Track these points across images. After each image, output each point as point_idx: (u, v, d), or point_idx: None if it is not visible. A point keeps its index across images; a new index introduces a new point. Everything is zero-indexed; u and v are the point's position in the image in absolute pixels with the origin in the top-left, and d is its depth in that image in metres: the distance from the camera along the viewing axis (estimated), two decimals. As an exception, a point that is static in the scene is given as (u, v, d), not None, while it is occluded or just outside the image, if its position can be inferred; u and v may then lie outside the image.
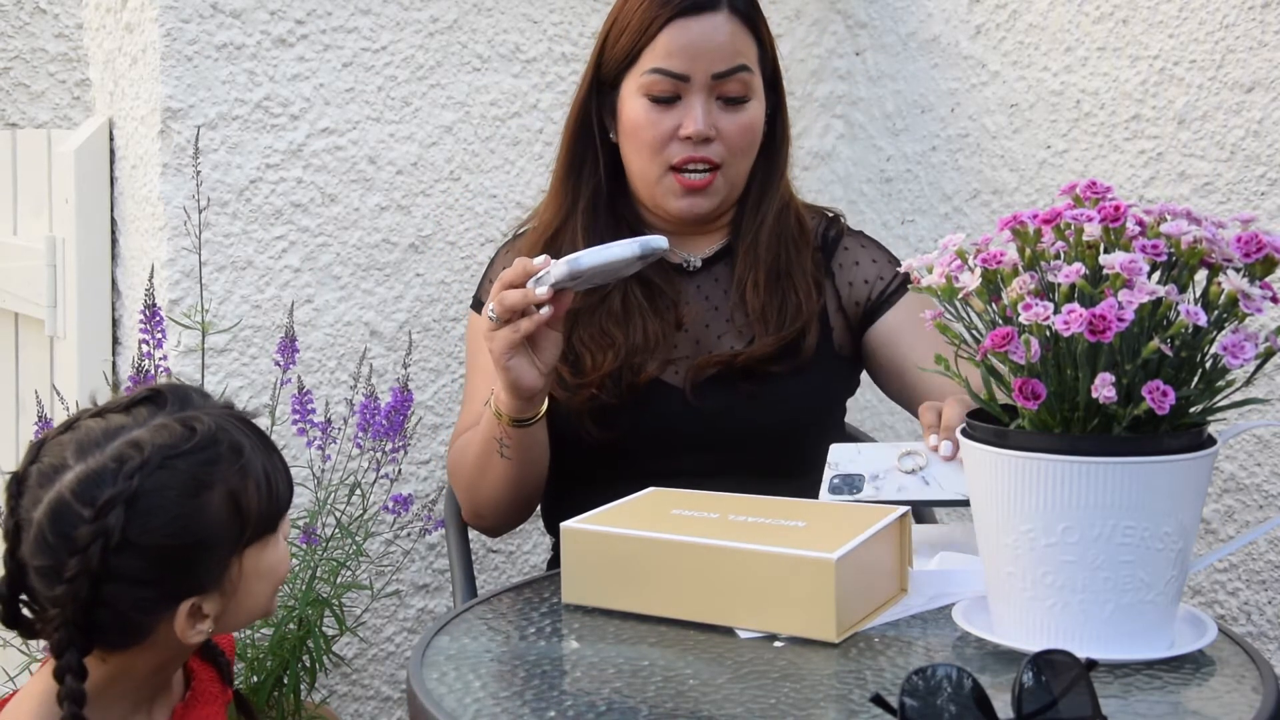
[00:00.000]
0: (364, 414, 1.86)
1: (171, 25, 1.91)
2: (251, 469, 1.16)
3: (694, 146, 1.64)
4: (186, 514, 1.11)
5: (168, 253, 1.92)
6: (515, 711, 1.04)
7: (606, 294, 1.67)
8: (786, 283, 1.68)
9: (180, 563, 1.12)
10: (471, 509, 1.69)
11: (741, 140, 1.66)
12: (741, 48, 1.65)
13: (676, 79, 1.63)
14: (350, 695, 2.10)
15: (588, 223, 1.70)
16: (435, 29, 2.09)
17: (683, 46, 1.62)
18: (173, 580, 1.13)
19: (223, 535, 1.14)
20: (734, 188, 1.70)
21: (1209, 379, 1.08)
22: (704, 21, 1.63)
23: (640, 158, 1.67)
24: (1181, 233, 1.06)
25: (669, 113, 1.64)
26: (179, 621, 1.14)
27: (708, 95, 1.64)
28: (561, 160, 1.74)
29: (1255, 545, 1.90)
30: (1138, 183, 1.99)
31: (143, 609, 1.13)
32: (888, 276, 1.74)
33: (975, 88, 2.24)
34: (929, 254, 1.16)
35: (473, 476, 1.63)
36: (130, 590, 1.11)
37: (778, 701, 1.03)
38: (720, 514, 1.29)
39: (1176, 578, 1.09)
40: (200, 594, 1.14)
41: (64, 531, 1.09)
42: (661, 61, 1.63)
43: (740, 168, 1.69)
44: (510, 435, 1.55)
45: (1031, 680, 0.93)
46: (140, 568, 1.10)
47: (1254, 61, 1.85)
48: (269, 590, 1.21)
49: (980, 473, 1.11)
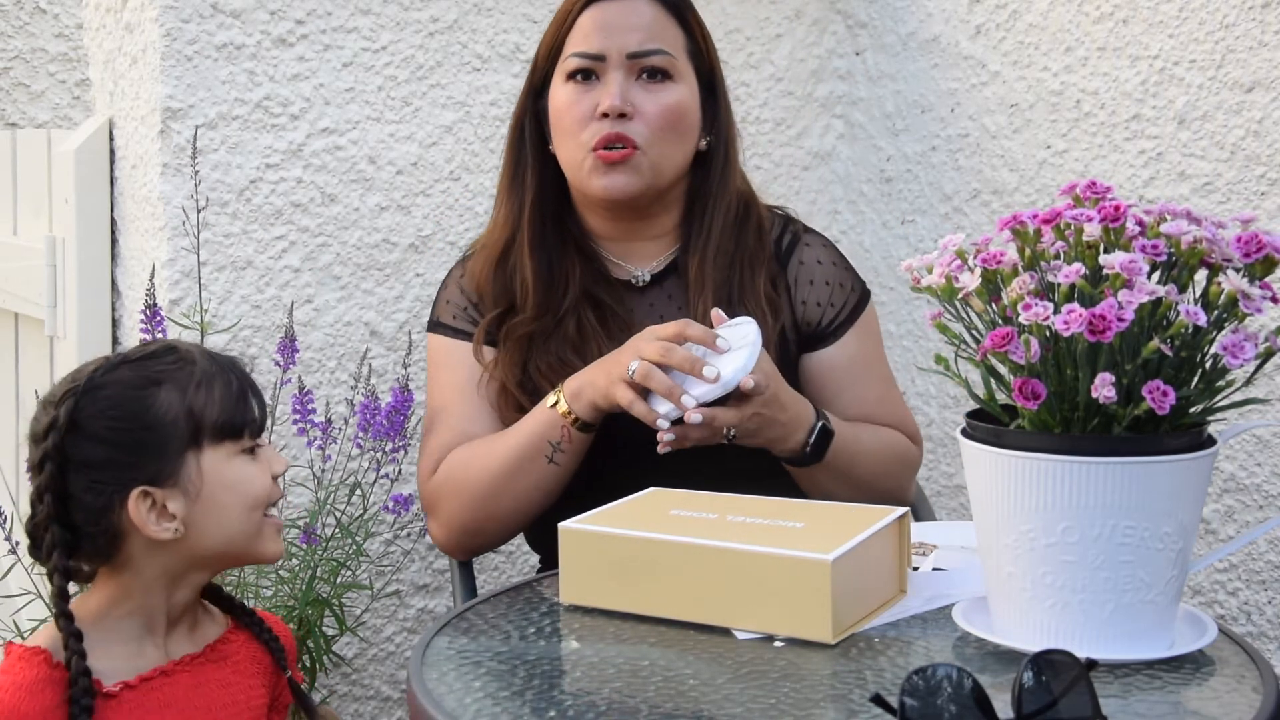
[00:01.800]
0: (364, 414, 1.86)
1: (171, 25, 1.91)
2: (205, 377, 1.26)
3: (611, 123, 1.60)
4: (132, 401, 1.23)
5: (168, 253, 1.92)
6: (515, 711, 1.04)
7: (560, 319, 1.65)
8: (739, 309, 1.63)
9: (126, 446, 1.22)
10: (471, 527, 1.61)
11: (661, 119, 1.61)
12: (661, 32, 1.64)
13: (593, 59, 1.62)
14: (350, 695, 2.10)
15: (533, 235, 1.67)
16: (435, 29, 2.09)
17: (599, 26, 1.62)
18: (121, 463, 1.22)
19: (171, 427, 1.23)
20: (658, 172, 1.63)
21: (1209, 379, 1.08)
22: (623, 5, 1.63)
23: (566, 143, 1.64)
24: (1181, 233, 1.06)
25: (588, 94, 1.62)
26: (132, 509, 1.21)
27: (625, 73, 1.62)
28: (504, 173, 1.73)
29: (1255, 545, 1.90)
30: (1138, 183, 1.99)
31: (99, 493, 1.22)
32: (838, 304, 1.70)
33: (975, 88, 2.24)
34: (929, 254, 1.16)
35: (494, 488, 1.57)
36: (86, 475, 1.22)
37: (778, 701, 1.03)
38: (719, 514, 1.29)
39: (1176, 578, 1.09)
40: (153, 484, 1.22)
41: (32, 430, 1.25)
42: (579, 45, 1.63)
43: (664, 150, 1.63)
44: (572, 439, 1.54)
45: (1031, 680, 0.93)
46: (91, 451, 1.22)
47: (1254, 61, 1.85)
48: (239, 505, 1.27)
49: (980, 473, 1.11)
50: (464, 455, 1.61)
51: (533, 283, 1.65)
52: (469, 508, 1.60)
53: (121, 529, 1.23)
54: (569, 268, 1.67)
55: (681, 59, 1.65)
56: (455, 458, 1.62)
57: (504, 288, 1.68)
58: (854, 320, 1.70)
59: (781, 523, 1.26)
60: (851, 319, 1.70)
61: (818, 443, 1.55)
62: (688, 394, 1.44)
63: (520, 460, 1.56)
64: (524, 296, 1.66)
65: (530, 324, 1.64)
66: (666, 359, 1.45)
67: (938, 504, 2.36)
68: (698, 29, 1.68)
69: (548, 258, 1.67)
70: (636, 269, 1.70)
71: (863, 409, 1.68)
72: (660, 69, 1.62)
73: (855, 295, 1.72)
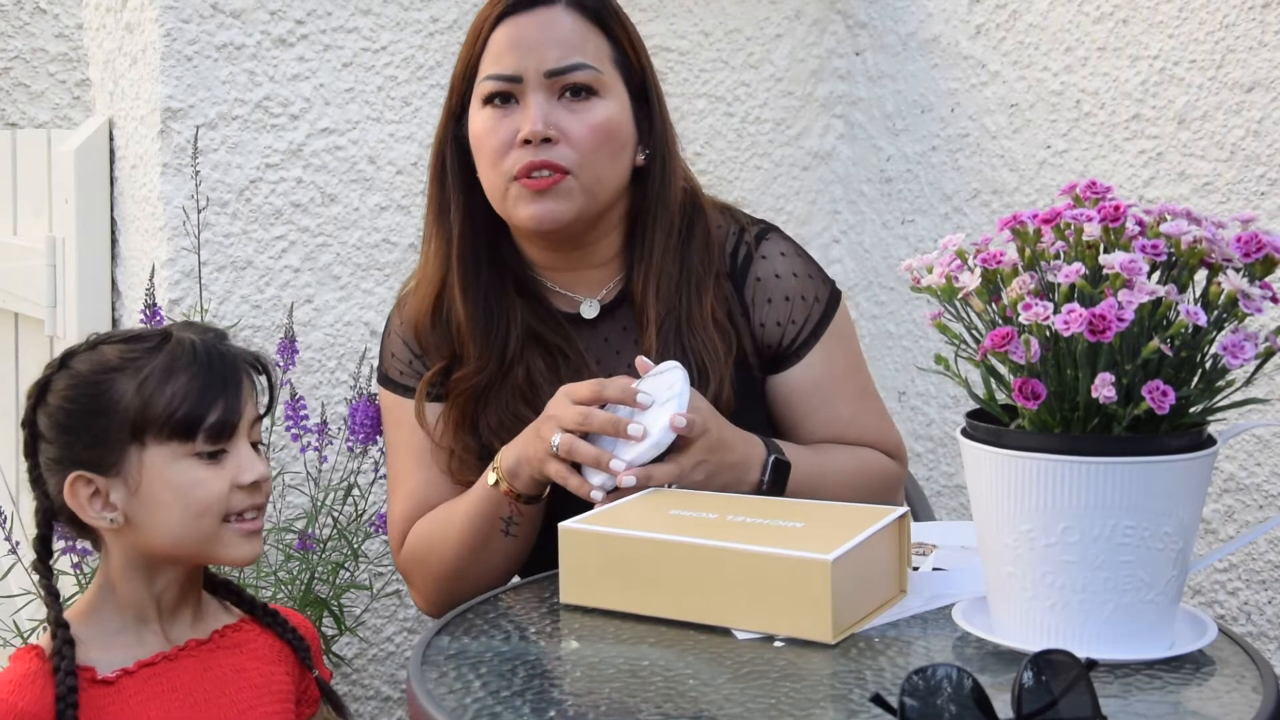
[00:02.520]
0: (354, 415, 1.85)
1: (171, 25, 1.91)
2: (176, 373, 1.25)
3: (534, 150, 1.47)
4: (89, 385, 1.25)
5: (168, 253, 1.92)
6: (515, 711, 1.04)
7: (507, 369, 1.54)
8: (689, 339, 1.52)
9: (71, 429, 1.25)
10: (445, 600, 1.51)
11: (590, 140, 1.49)
12: (581, 44, 1.50)
13: (509, 80, 1.49)
14: (350, 695, 2.10)
15: (465, 274, 1.54)
16: (435, 29, 2.09)
17: (513, 44, 1.49)
18: (67, 443, 1.25)
19: (120, 416, 1.23)
20: (592, 196, 1.51)
21: (1209, 379, 1.08)
22: (536, 16, 1.50)
23: (486, 172, 1.52)
24: (1181, 233, 1.06)
25: (507, 119, 1.49)
26: (68, 491, 1.24)
27: (546, 94, 1.49)
28: (428, 209, 1.59)
29: (1255, 545, 1.90)
30: (1138, 183, 1.99)
31: (49, 470, 1.26)
32: (800, 320, 1.58)
33: (975, 88, 2.24)
34: (929, 254, 1.16)
35: (457, 569, 1.50)
36: (44, 448, 1.27)
37: (778, 701, 1.03)
38: (719, 514, 1.29)
39: (1176, 578, 1.08)
40: (94, 470, 1.24)
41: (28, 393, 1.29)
42: (493, 66, 1.50)
43: (597, 172, 1.50)
44: (523, 512, 1.46)
45: (1031, 680, 0.93)
46: (49, 425, 1.26)
47: (1254, 61, 1.85)
48: (182, 508, 1.25)
49: (980, 473, 1.11)
50: (424, 532, 1.54)
51: (469, 328, 1.53)
52: (440, 586, 1.53)
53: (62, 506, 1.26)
54: (508, 308, 1.55)
55: (608, 70, 1.52)
56: (417, 534, 1.54)
57: (444, 336, 1.56)
58: (819, 335, 1.58)
59: (781, 523, 1.25)
60: (816, 334, 1.58)
61: (774, 478, 1.45)
62: (617, 459, 1.36)
63: (476, 539, 1.48)
64: (462, 345, 1.54)
65: (474, 377, 1.53)
66: (587, 426, 1.37)
67: (938, 504, 2.36)
68: (623, 34, 1.55)
69: (483, 299, 1.54)
70: (584, 299, 1.59)
71: (834, 429, 1.59)
72: (584, 85, 1.50)
73: (820, 307, 1.59)
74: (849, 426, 1.59)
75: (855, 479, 1.55)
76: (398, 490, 1.58)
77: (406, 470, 1.57)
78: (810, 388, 1.58)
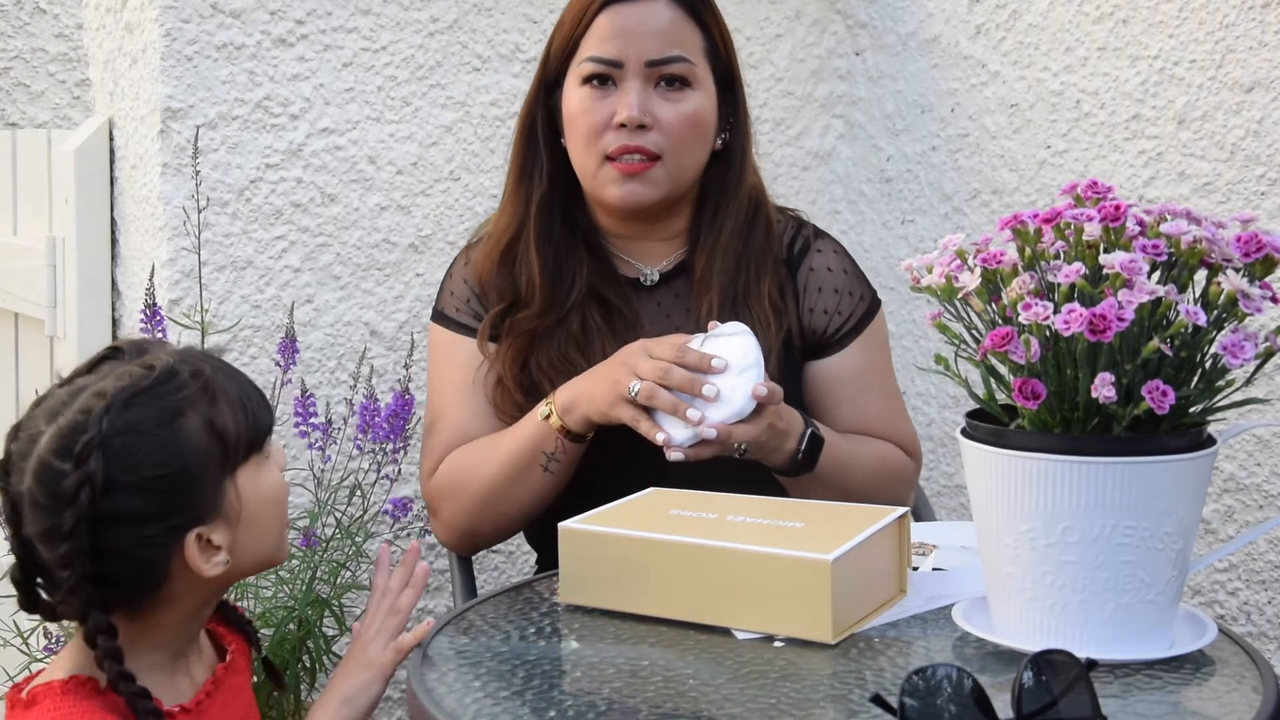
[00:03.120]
0: (364, 415, 1.86)
1: (171, 25, 1.91)
2: (219, 391, 1.17)
3: (629, 135, 1.57)
4: (164, 442, 1.13)
5: (168, 253, 1.92)
6: (515, 711, 1.04)
7: (564, 316, 1.63)
8: (743, 312, 1.61)
9: (172, 492, 1.13)
10: (469, 529, 1.61)
11: (681, 129, 1.59)
12: (680, 36, 1.60)
13: (610, 65, 1.58)
14: (350, 695, 2.10)
15: (540, 231, 1.64)
16: (435, 29, 2.09)
17: (617, 31, 1.58)
18: (170, 511, 1.13)
19: (207, 458, 1.15)
20: (677, 182, 1.62)
21: (1209, 379, 1.08)
22: (640, 7, 1.59)
23: (579, 149, 1.61)
24: (1181, 233, 1.06)
25: (604, 101, 1.59)
26: (190, 553, 1.14)
27: (644, 82, 1.58)
28: (512, 166, 1.70)
29: (1255, 545, 1.90)
30: (1138, 183, 1.99)
31: (149, 546, 1.13)
32: (845, 312, 1.68)
33: (975, 88, 2.24)
34: (929, 254, 1.16)
35: (491, 495, 1.57)
36: (133, 530, 1.12)
37: (778, 701, 1.03)
38: (719, 514, 1.29)
39: (1176, 578, 1.08)
40: (202, 523, 1.15)
41: (52, 490, 1.10)
42: (595, 49, 1.59)
43: (684, 160, 1.61)
44: (566, 450, 1.53)
45: (1031, 680, 0.93)
46: (135, 505, 1.12)
47: (1254, 61, 1.85)
48: (276, 517, 1.21)
49: (980, 473, 1.11)
50: (463, 459, 1.60)
51: (539, 279, 1.63)
52: (468, 512, 1.60)
53: (168, 574, 1.15)
54: (576, 264, 1.65)
55: (700, 63, 1.61)
56: (454, 460, 1.61)
57: (509, 283, 1.65)
58: (861, 330, 1.68)
59: (781, 523, 1.25)
60: (858, 329, 1.68)
61: (809, 449, 1.52)
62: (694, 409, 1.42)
63: (515, 469, 1.55)
64: (530, 292, 1.64)
65: (534, 320, 1.62)
66: (666, 380, 1.44)
67: (938, 504, 2.36)
68: (715, 27, 1.65)
69: (554, 253, 1.64)
70: (645, 267, 1.68)
71: (863, 420, 1.67)
72: (679, 76, 1.59)
73: (864, 305, 1.69)
74: (876, 419, 1.68)
75: (877, 468, 1.64)
76: (440, 422, 1.65)
77: (451, 404, 1.65)
78: (848, 376, 1.67)
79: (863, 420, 1.66)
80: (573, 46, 1.62)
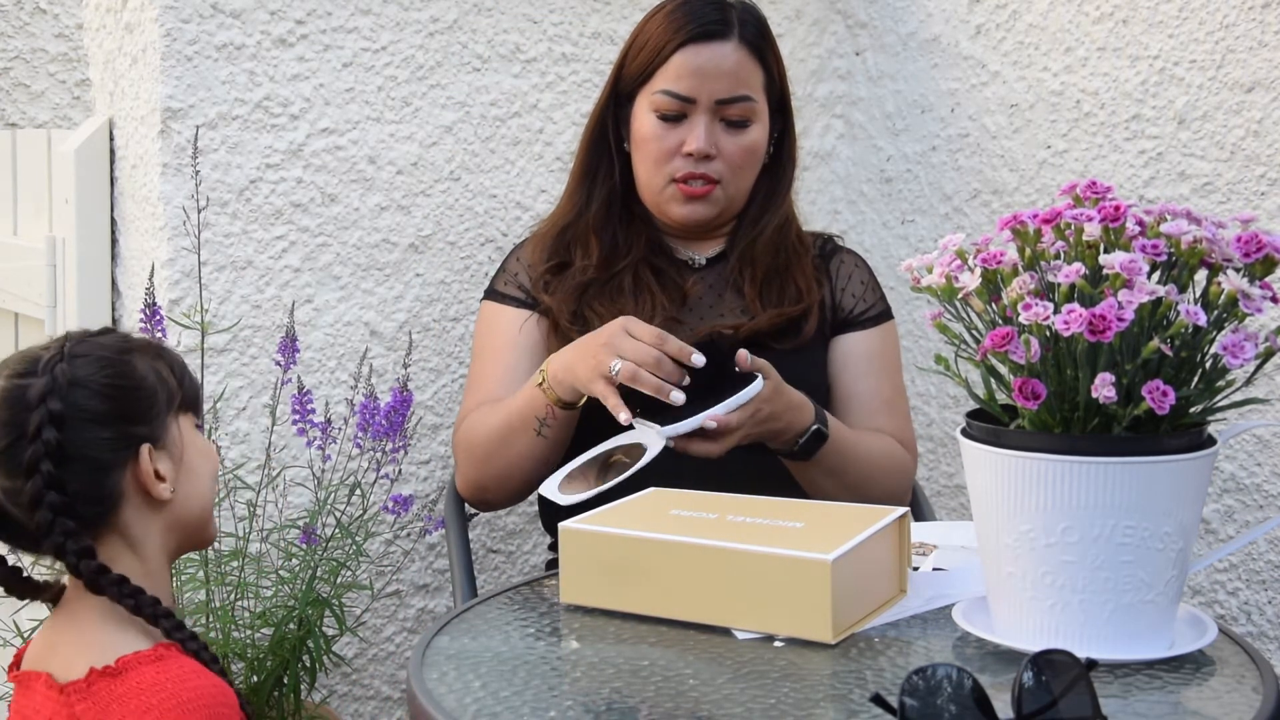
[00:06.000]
0: (364, 414, 1.86)
1: (171, 25, 1.91)
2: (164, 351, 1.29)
3: (695, 163, 1.75)
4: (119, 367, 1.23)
5: (168, 253, 1.92)
6: (515, 711, 1.04)
7: (617, 271, 1.77)
8: (785, 276, 1.78)
9: (127, 400, 1.23)
10: (477, 483, 1.73)
11: (740, 160, 1.77)
12: (747, 77, 1.76)
13: (684, 100, 1.74)
14: (350, 695, 2.10)
15: (600, 222, 1.81)
16: (435, 29, 2.09)
17: (692, 71, 1.73)
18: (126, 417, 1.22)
19: (156, 387, 1.25)
20: (733, 201, 1.80)
21: (1209, 379, 1.08)
22: (714, 49, 1.74)
23: (647, 168, 1.79)
24: (1181, 233, 1.06)
25: (675, 130, 1.75)
26: (143, 465, 1.21)
27: (711, 117, 1.74)
28: (578, 164, 1.86)
29: (1255, 545, 1.90)
30: (1138, 183, 1.99)
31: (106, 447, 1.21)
32: (870, 301, 1.84)
33: (975, 88, 2.24)
34: (929, 254, 1.16)
35: (490, 451, 1.69)
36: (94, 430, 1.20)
37: (778, 701, 1.03)
38: (719, 514, 1.29)
39: (1176, 578, 1.09)
40: (154, 442, 1.23)
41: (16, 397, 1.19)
42: (671, 84, 1.74)
43: (740, 184, 1.80)
44: (556, 415, 1.63)
45: (1031, 680, 0.93)
46: (95, 404, 1.21)
47: (1254, 61, 1.85)
48: (209, 481, 1.29)
49: (980, 473, 1.11)
50: (478, 416, 1.73)
51: (596, 249, 1.79)
52: (472, 466, 1.73)
53: (119, 492, 1.22)
54: (633, 240, 1.81)
55: (760, 98, 1.77)
56: (473, 416, 1.74)
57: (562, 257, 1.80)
58: (881, 322, 1.84)
59: (781, 523, 1.26)
60: (878, 320, 1.83)
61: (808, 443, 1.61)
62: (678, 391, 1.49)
63: (510, 430, 1.66)
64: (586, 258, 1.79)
65: (589, 272, 1.77)
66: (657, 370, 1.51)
67: (938, 504, 2.36)
68: (774, 62, 1.80)
69: (612, 234, 1.81)
70: (694, 254, 1.85)
71: (876, 401, 1.80)
72: (742, 119, 1.76)
73: (881, 305, 1.85)
74: (885, 406, 1.81)
75: (879, 461, 1.73)
76: (478, 387, 1.79)
77: (490, 372, 1.79)
78: (869, 355, 1.81)
79: (877, 402, 1.80)
80: (650, 73, 1.77)
